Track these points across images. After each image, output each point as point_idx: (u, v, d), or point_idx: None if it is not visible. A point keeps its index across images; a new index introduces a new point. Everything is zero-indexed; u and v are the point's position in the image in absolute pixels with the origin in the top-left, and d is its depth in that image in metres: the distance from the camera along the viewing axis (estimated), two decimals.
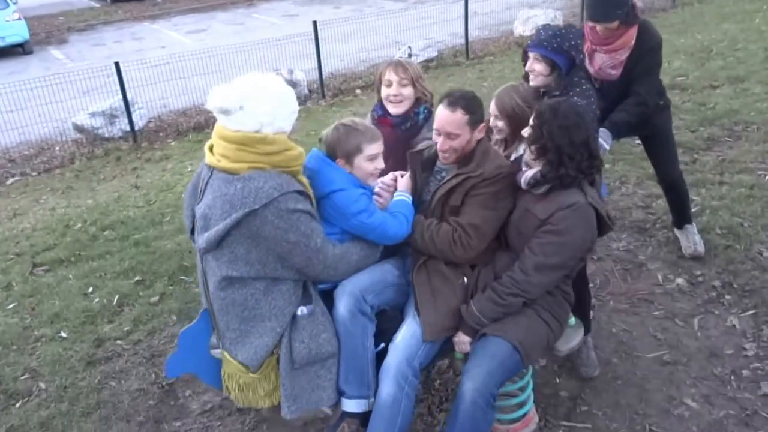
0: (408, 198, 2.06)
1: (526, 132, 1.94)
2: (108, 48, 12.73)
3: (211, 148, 1.81)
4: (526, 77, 2.44)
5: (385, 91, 2.41)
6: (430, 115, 2.41)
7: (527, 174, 1.93)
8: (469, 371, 1.86)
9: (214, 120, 1.84)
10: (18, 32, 12.56)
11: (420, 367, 1.93)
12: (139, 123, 7.68)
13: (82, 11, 16.94)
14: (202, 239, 1.76)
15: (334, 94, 8.49)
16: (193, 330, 1.98)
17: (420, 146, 2.19)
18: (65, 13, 16.71)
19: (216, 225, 1.71)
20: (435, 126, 2.00)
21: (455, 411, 1.87)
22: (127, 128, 7.52)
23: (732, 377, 2.40)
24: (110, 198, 5.13)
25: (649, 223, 3.48)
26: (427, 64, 9.15)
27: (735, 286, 2.89)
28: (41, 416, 2.52)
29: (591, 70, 2.77)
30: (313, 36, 8.34)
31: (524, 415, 2.14)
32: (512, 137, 2.27)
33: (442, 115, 1.97)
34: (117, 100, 7.48)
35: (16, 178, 6.83)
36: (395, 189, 2.10)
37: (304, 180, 1.86)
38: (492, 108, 2.26)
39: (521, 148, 2.13)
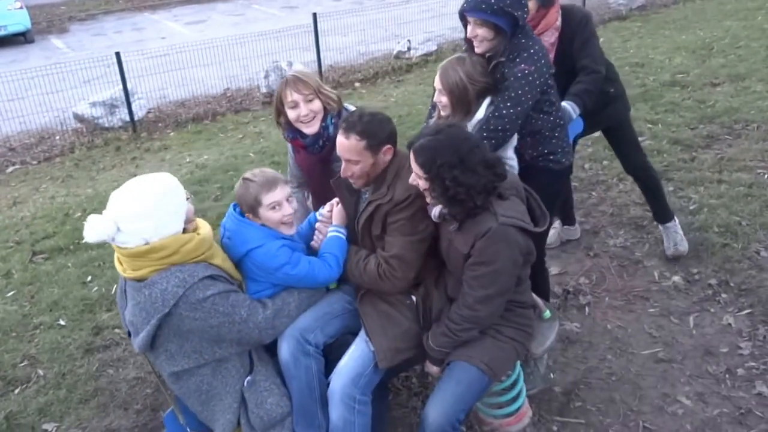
0: (341, 233, 2.01)
1: (422, 186, 1.77)
2: (109, 38, 12.67)
3: (119, 259, 1.80)
4: (468, 43, 2.23)
5: (293, 114, 2.18)
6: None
7: (435, 210, 1.85)
8: (434, 398, 1.85)
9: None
10: (19, 21, 12.48)
11: (368, 387, 1.91)
12: (139, 113, 7.67)
13: (84, 1, 16.83)
14: (136, 344, 1.79)
15: (333, 87, 8.40)
16: (173, 411, 2.03)
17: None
18: (67, 2, 16.62)
19: (142, 331, 1.74)
20: (337, 151, 1.91)
21: None
22: (127, 118, 7.49)
23: (726, 376, 2.41)
24: (109, 187, 5.12)
25: (647, 220, 3.46)
26: (426, 58, 9.11)
27: (731, 284, 2.90)
28: (39, 402, 2.55)
29: None
30: (312, 28, 8.30)
31: (518, 410, 2.14)
32: (455, 112, 2.14)
33: (338, 141, 1.89)
34: (117, 90, 7.45)
35: (17, 166, 6.83)
36: None
37: (217, 259, 1.83)
38: (436, 82, 2.15)
39: None
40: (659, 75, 5.92)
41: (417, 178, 1.80)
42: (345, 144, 1.86)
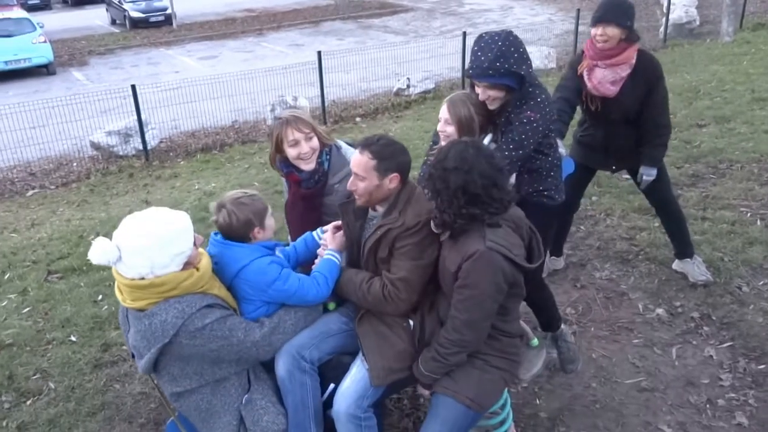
0: (336, 258, 2.07)
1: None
2: (125, 71, 13.16)
3: (120, 288, 1.85)
4: (473, 87, 2.30)
5: (293, 152, 2.25)
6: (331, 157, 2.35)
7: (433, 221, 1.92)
8: None
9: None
10: (43, 54, 13.11)
11: (371, 404, 1.96)
12: (152, 142, 7.96)
13: (103, 36, 17.53)
14: (140, 366, 1.85)
15: (335, 121, 8.78)
16: (173, 423, 2.10)
17: (349, 197, 2.12)
18: (87, 37, 17.29)
19: (145, 355, 1.81)
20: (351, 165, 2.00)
21: None
22: (140, 147, 7.79)
23: (707, 406, 2.47)
24: (122, 212, 5.29)
25: (632, 254, 3.57)
26: (424, 95, 9.42)
27: (713, 318, 2.97)
28: (50, 414, 2.64)
29: (589, 85, 2.80)
30: (317, 65, 8.64)
31: None
32: None
33: (354, 156, 1.98)
34: (132, 120, 7.77)
35: (36, 190, 7.09)
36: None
37: (214, 289, 1.89)
38: (444, 113, 2.24)
39: None
40: None
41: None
42: (357, 159, 1.96)
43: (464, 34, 9.69)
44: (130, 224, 1.77)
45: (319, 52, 8.75)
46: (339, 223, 2.15)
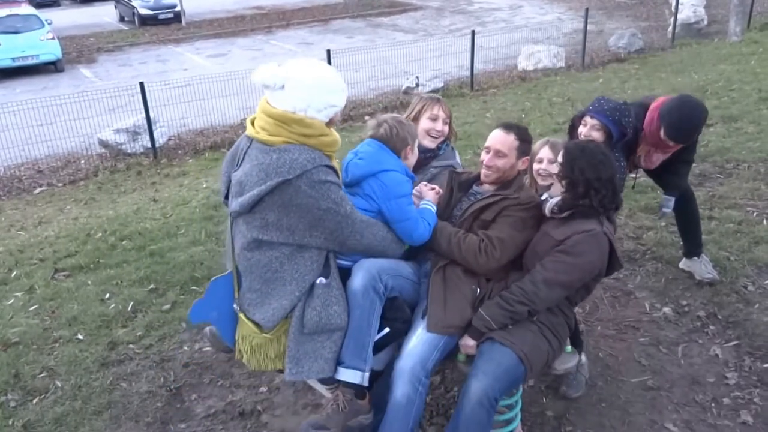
0: (433, 208, 2.20)
1: (555, 168, 2.15)
2: (134, 68, 13.26)
3: (252, 122, 1.95)
4: (574, 129, 2.67)
5: (428, 124, 2.48)
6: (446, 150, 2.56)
7: (552, 201, 2.11)
8: (477, 373, 1.94)
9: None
10: (51, 51, 13.23)
11: (432, 369, 2.04)
12: (160, 140, 8.02)
13: (112, 33, 17.68)
14: (236, 203, 1.88)
15: (344, 120, 8.78)
16: (222, 281, 2.02)
17: (460, 169, 2.42)
18: (96, 34, 17.43)
19: (250, 191, 1.82)
20: (487, 144, 2.24)
21: (458, 413, 1.95)
22: (149, 145, 7.85)
23: (713, 405, 2.48)
24: (129, 210, 5.34)
25: (639, 254, 3.57)
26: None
27: (719, 317, 2.97)
28: (56, 413, 2.65)
29: (643, 165, 2.98)
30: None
31: None
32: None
33: (497, 135, 2.22)
34: (140, 118, 7.83)
35: (43, 188, 7.17)
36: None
37: (336, 164, 1.97)
38: (547, 153, 2.42)
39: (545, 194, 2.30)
40: None
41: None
42: (503, 137, 2.21)
43: (473, 32, 9.67)
44: (301, 62, 1.90)
45: (329, 51, 8.79)
46: (433, 185, 2.31)
